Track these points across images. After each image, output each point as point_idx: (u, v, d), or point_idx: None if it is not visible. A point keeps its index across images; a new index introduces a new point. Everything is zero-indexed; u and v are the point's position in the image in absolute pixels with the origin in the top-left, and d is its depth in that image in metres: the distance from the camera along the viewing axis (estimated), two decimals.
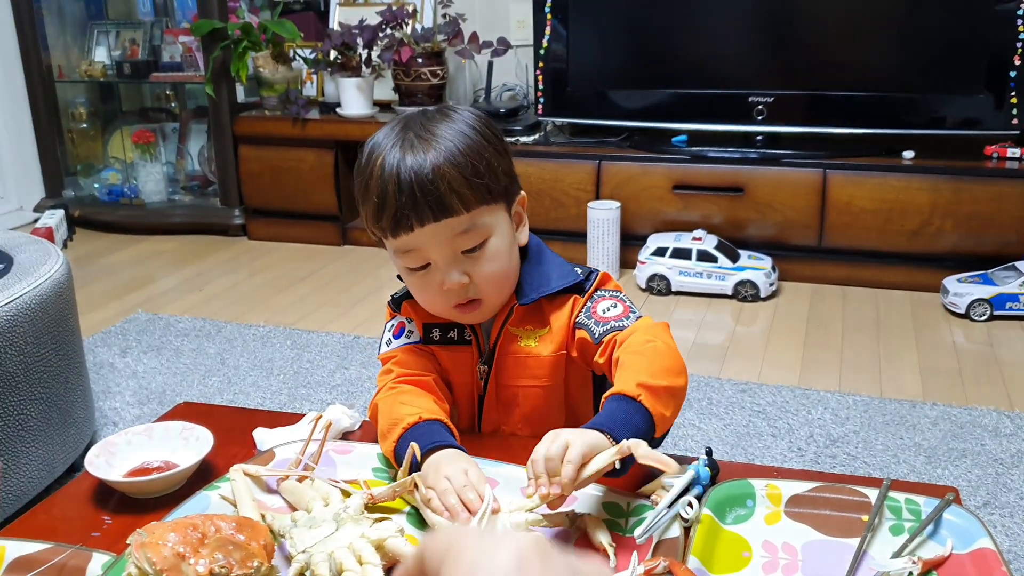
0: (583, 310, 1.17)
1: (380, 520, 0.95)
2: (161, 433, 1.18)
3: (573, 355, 1.19)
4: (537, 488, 0.93)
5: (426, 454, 1.02)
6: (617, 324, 1.14)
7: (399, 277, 1.19)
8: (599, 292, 1.19)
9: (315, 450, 1.09)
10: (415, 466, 1.02)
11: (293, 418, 1.25)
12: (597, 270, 1.21)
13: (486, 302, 1.15)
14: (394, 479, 1.03)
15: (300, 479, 1.05)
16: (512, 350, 1.19)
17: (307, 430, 1.12)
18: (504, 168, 1.13)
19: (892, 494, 1.01)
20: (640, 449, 0.92)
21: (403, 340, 1.21)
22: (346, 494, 1.01)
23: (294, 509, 1.03)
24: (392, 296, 1.26)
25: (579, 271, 1.20)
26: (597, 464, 0.94)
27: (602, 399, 1.04)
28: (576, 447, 0.93)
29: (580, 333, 1.17)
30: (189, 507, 1.01)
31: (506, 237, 1.14)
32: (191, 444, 1.16)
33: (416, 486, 0.99)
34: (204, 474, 1.12)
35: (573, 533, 0.97)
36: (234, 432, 1.23)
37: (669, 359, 1.08)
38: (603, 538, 0.94)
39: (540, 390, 1.20)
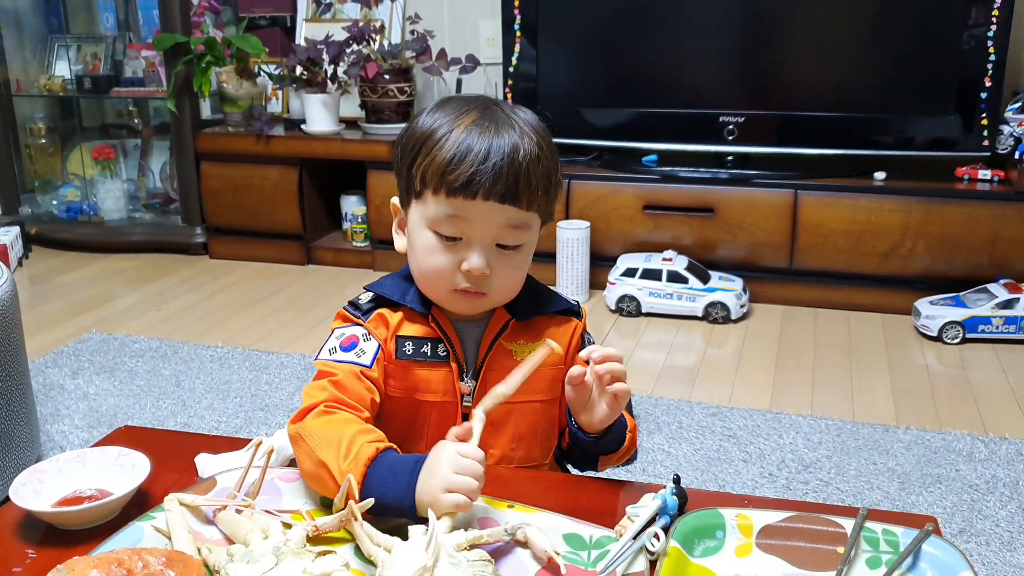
0: (583, 341, 1.18)
1: (323, 554, 0.88)
2: (95, 459, 1.11)
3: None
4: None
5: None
6: None
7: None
8: (587, 332, 1.20)
9: (256, 478, 1.02)
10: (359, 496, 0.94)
11: (241, 443, 1.18)
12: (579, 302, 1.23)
13: (490, 299, 1.10)
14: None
15: (239, 510, 0.98)
16: (507, 364, 1.10)
17: (250, 456, 1.05)
18: (560, 193, 1.15)
19: (869, 524, 0.95)
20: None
21: (350, 357, 1.11)
22: (287, 526, 0.94)
23: (232, 542, 0.96)
24: (353, 302, 1.15)
25: (570, 299, 1.21)
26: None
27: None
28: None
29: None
30: (119, 540, 0.94)
31: (532, 251, 1.13)
32: (127, 471, 1.08)
33: (355, 516, 0.92)
34: (140, 503, 1.05)
35: (512, 545, 0.92)
36: (175, 458, 1.16)
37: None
38: (546, 545, 0.89)
39: (539, 405, 1.15)
